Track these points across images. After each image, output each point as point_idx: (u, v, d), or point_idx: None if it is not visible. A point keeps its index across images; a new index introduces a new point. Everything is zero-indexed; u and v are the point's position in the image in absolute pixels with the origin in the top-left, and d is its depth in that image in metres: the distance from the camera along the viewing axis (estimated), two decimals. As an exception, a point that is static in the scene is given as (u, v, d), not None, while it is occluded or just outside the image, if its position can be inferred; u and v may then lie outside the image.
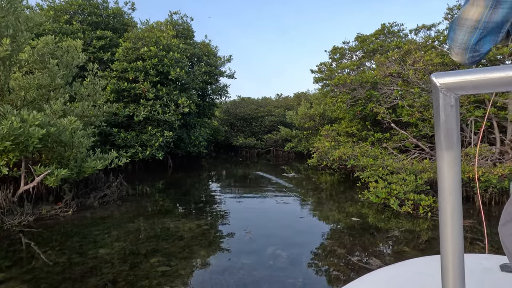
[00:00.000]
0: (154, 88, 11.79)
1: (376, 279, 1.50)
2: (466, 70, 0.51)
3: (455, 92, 0.53)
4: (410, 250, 4.38)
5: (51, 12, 12.22)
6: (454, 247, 0.60)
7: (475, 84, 0.50)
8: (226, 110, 23.71)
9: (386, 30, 13.20)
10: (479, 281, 1.39)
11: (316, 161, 10.86)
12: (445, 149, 0.58)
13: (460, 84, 0.51)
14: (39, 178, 5.62)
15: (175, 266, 3.77)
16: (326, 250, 4.37)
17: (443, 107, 0.55)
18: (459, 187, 0.59)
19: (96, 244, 4.50)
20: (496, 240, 4.86)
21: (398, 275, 1.51)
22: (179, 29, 15.77)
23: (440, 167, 0.60)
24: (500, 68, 0.47)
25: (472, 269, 1.50)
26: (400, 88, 10.24)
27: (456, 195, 0.59)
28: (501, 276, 1.43)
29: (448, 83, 0.52)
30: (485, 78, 0.48)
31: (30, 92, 6.55)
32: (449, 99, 0.54)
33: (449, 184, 0.59)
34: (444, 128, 0.56)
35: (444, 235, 0.61)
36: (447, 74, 0.52)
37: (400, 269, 1.62)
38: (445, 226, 0.61)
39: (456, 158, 0.59)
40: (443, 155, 0.59)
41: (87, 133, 6.90)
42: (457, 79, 0.51)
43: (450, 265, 0.61)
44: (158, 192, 8.53)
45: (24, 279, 3.42)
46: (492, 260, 1.61)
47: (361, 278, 1.58)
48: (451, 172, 0.59)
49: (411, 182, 6.55)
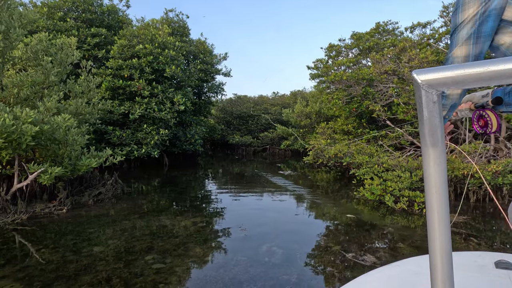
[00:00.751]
0: (150, 85, 11.74)
1: (373, 279, 1.49)
2: (447, 66, 0.51)
3: (437, 88, 0.53)
4: (405, 246, 4.40)
5: (45, 9, 12.10)
6: (442, 244, 0.60)
7: (456, 80, 0.49)
8: (223, 108, 23.67)
9: (381, 29, 13.23)
10: (474, 278, 1.39)
11: (311, 158, 10.87)
12: (430, 146, 0.58)
13: (441, 80, 0.51)
14: (32, 176, 5.58)
15: (169, 264, 3.76)
16: (321, 247, 4.38)
17: (425, 104, 0.54)
18: (445, 184, 0.59)
19: (91, 242, 4.47)
20: (490, 236, 4.90)
21: (395, 275, 1.51)
22: (174, 26, 15.70)
23: (426, 164, 0.60)
24: (480, 63, 0.47)
25: (467, 267, 1.51)
26: (395, 86, 10.28)
27: (442, 191, 0.59)
28: (496, 273, 1.43)
29: (429, 79, 0.51)
30: (466, 74, 0.48)
31: (24, 89, 6.48)
32: (431, 96, 0.53)
33: (435, 181, 0.59)
34: (428, 124, 0.56)
35: (432, 232, 0.61)
36: (428, 71, 0.52)
37: (397, 268, 1.62)
38: (432, 223, 0.60)
39: (441, 155, 0.58)
40: (428, 152, 0.59)
41: (82, 131, 6.85)
42: (438, 75, 0.51)
43: (439, 262, 0.61)
44: (154, 190, 8.50)
45: (17, 277, 3.39)
46: (486, 257, 1.62)
47: (358, 278, 1.57)
48: (436, 169, 0.59)
49: (406, 179, 6.58)
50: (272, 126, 21.11)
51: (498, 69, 0.45)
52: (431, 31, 11.49)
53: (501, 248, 4.35)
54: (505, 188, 6.38)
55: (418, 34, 11.75)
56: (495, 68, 0.45)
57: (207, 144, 23.01)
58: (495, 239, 4.78)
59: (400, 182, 6.51)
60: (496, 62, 0.45)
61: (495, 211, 6.22)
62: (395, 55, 10.11)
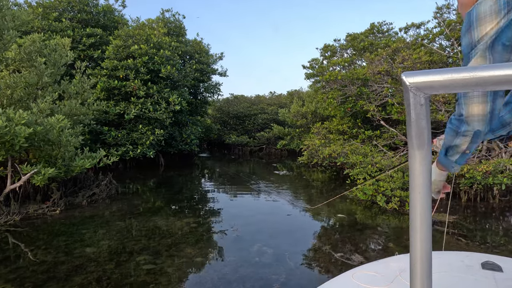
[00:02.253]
0: (145, 86, 11.75)
1: (360, 275, 1.54)
2: (435, 70, 0.51)
3: (424, 92, 0.53)
4: (394, 246, 4.45)
5: (40, 9, 12.07)
6: (422, 244, 0.60)
7: (444, 84, 0.50)
8: (219, 108, 23.69)
9: (375, 30, 13.29)
10: (461, 278, 1.42)
11: (306, 158, 10.92)
12: (417, 147, 0.58)
13: (429, 84, 0.51)
14: (25, 177, 5.59)
15: (160, 264, 3.79)
16: (311, 247, 4.42)
17: (413, 106, 0.54)
18: (428, 186, 0.60)
19: (83, 243, 4.49)
20: (481, 236, 4.96)
21: (381, 271, 1.55)
22: (171, 26, 15.69)
23: (412, 165, 0.60)
24: (468, 68, 0.47)
25: (454, 266, 1.54)
26: (390, 86, 10.33)
27: (426, 193, 0.60)
28: (482, 273, 1.46)
29: (417, 82, 0.51)
30: (453, 78, 0.48)
31: (17, 90, 6.49)
32: (419, 98, 0.53)
33: (419, 183, 0.59)
34: (415, 126, 0.56)
35: (413, 232, 0.61)
36: (417, 74, 0.52)
37: (381, 265, 1.67)
38: (414, 223, 0.61)
39: (426, 157, 0.58)
40: (414, 154, 0.59)
41: (76, 132, 6.87)
42: (426, 79, 0.51)
43: (418, 261, 0.61)
44: (149, 190, 8.52)
45: (9, 278, 3.42)
46: (473, 258, 1.65)
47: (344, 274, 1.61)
48: (421, 171, 0.59)
49: (398, 179, 6.63)
50: (268, 126, 21.15)
51: (484, 75, 0.46)
52: (425, 31, 11.56)
53: (489, 247, 4.41)
54: (495, 188, 6.45)
55: (411, 35, 11.82)
56: (481, 74, 0.46)
57: (203, 144, 23.01)
58: (485, 238, 4.84)
59: (393, 182, 6.56)
60: (483, 69, 0.46)
61: (486, 211, 6.29)
62: (389, 56, 10.17)
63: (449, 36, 9.65)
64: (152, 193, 8.20)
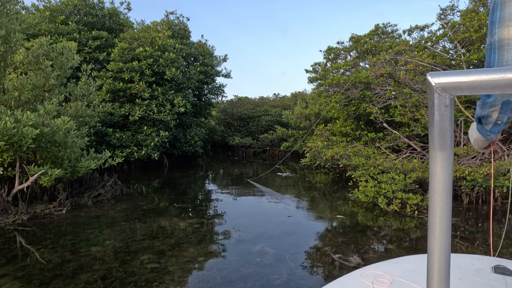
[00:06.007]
0: (150, 88, 11.88)
1: (368, 274, 1.57)
2: (461, 71, 0.50)
3: (450, 93, 0.52)
4: (395, 248, 4.50)
5: (47, 12, 12.28)
6: (441, 247, 0.60)
7: (470, 85, 0.49)
8: (223, 109, 23.81)
9: (380, 31, 13.32)
10: (472, 281, 1.42)
11: (309, 160, 10.97)
12: (438, 149, 0.57)
13: (455, 85, 0.50)
14: (33, 178, 5.71)
15: (164, 263, 3.88)
16: (312, 248, 4.49)
17: (437, 107, 0.53)
18: (450, 188, 0.59)
19: (89, 242, 4.60)
20: (483, 238, 4.98)
21: (389, 271, 1.58)
22: (175, 29, 15.84)
23: (433, 167, 0.59)
24: (496, 70, 0.46)
25: (464, 269, 1.55)
26: (392, 88, 10.37)
27: (447, 195, 0.59)
28: (493, 277, 1.46)
29: (443, 83, 0.51)
30: (481, 80, 0.48)
31: (25, 92, 6.63)
32: (443, 99, 0.53)
33: (440, 185, 0.58)
34: (438, 128, 0.55)
35: (432, 234, 0.61)
36: (443, 74, 0.51)
37: (391, 265, 1.69)
38: (434, 226, 0.60)
39: (449, 159, 0.57)
40: (436, 155, 0.58)
41: (81, 133, 6.99)
42: (452, 80, 0.50)
43: (436, 264, 0.61)
44: (153, 191, 8.63)
45: (17, 275, 3.52)
46: (484, 261, 1.66)
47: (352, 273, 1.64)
48: (443, 173, 0.58)
49: (400, 181, 6.67)
50: (272, 127, 21.22)
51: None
52: (429, 34, 11.59)
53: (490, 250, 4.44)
54: (497, 191, 6.47)
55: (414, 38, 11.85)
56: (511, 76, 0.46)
57: (207, 145, 23.13)
58: (487, 241, 4.87)
59: (394, 184, 6.60)
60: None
61: (488, 213, 6.31)
62: (392, 58, 10.21)
63: (452, 38, 9.67)
64: (156, 194, 8.31)
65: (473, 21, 9.18)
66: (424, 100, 9.02)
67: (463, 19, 9.64)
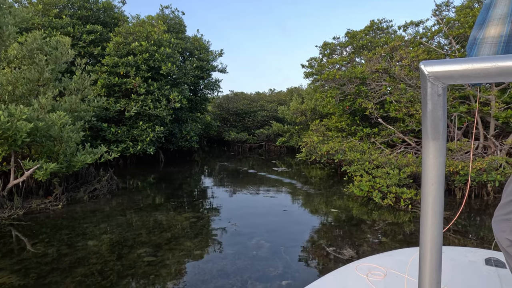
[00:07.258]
0: (145, 83, 11.83)
1: (363, 267, 1.61)
2: (454, 60, 0.50)
3: (443, 81, 0.52)
4: (388, 241, 4.57)
5: (40, 6, 12.12)
6: (433, 236, 0.60)
7: (463, 74, 0.49)
8: (219, 104, 23.76)
9: (375, 27, 13.35)
10: (464, 273, 1.46)
11: (304, 155, 11.03)
12: (431, 138, 0.57)
13: (448, 73, 0.50)
14: (28, 173, 5.70)
15: (161, 257, 3.91)
16: (307, 241, 4.54)
17: (430, 96, 0.53)
18: (442, 178, 0.59)
19: (85, 236, 4.61)
20: (475, 232, 5.07)
21: (384, 264, 1.62)
22: (170, 23, 15.73)
23: (425, 156, 0.59)
24: (488, 58, 0.47)
25: (457, 262, 1.59)
26: (388, 84, 10.42)
27: (439, 184, 0.59)
28: (486, 269, 1.50)
29: (436, 71, 0.51)
30: (473, 68, 0.48)
31: (19, 87, 6.58)
32: (436, 88, 0.53)
33: (433, 174, 0.59)
34: (431, 117, 0.55)
35: (424, 225, 0.61)
36: (436, 63, 0.51)
37: (385, 258, 1.73)
38: (426, 216, 0.60)
39: (441, 149, 0.58)
40: (429, 145, 0.58)
41: (77, 128, 6.97)
42: (445, 68, 0.50)
43: (428, 255, 0.61)
44: (149, 186, 8.64)
45: (14, 269, 3.53)
46: (477, 254, 1.70)
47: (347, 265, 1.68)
48: (435, 162, 0.58)
49: (394, 175, 6.74)
50: (268, 123, 21.24)
51: (507, 65, 0.46)
52: (424, 29, 11.63)
53: (483, 243, 4.52)
54: (489, 185, 6.56)
55: (409, 34, 11.89)
56: (503, 64, 0.46)
57: (203, 141, 23.11)
58: (479, 234, 4.96)
59: (389, 179, 6.68)
60: (505, 58, 0.46)
61: (480, 208, 6.41)
62: (387, 54, 10.25)
63: (447, 34, 9.72)
64: (152, 188, 8.31)
65: (468, 17, 9.24)
66: (418, 95, 9.09)
67: (458, 15, 9.69)
